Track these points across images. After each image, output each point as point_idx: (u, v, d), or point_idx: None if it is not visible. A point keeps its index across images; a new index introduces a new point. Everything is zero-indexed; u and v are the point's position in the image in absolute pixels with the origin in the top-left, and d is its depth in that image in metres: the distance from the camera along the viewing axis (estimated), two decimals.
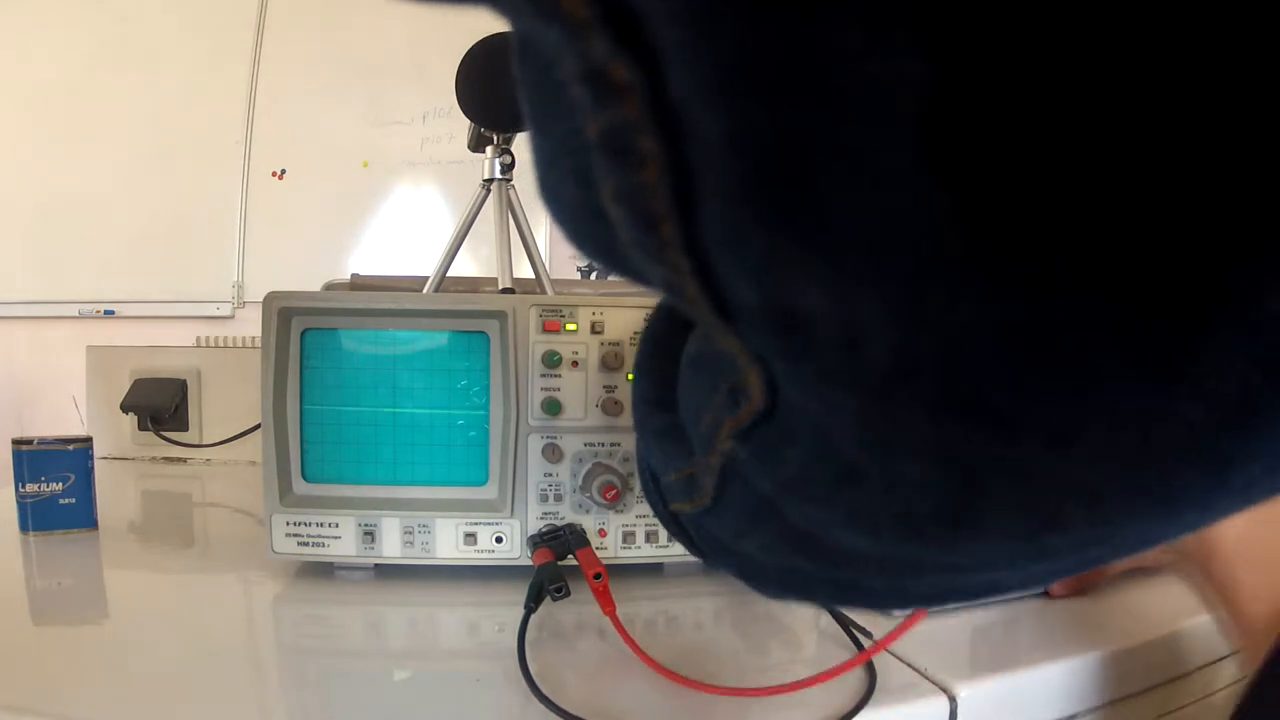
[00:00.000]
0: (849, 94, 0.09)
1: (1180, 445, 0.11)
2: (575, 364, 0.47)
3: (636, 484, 0.47)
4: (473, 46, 0.97)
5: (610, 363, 0.47)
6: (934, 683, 0.38)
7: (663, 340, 0.26)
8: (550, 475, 0.48)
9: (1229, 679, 0.45)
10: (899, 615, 0.43)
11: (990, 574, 0.17)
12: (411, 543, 0.48)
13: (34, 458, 0.58)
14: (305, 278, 1.19)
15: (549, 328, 0.47)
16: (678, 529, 0.25)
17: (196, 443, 0.89)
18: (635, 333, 0.48)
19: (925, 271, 0.10)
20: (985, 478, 0.13)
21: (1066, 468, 0.12)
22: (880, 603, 0.20)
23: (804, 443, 0.15)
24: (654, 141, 0.11)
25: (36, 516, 0.58)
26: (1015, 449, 0.12)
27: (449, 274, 1.17)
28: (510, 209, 1.11)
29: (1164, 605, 0.46)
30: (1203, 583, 0.34)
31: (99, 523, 0.60)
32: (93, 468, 0.60)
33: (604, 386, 0.48)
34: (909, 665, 0.39)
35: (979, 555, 0.15)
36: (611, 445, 0.48)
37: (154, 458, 0.89)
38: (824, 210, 0.10)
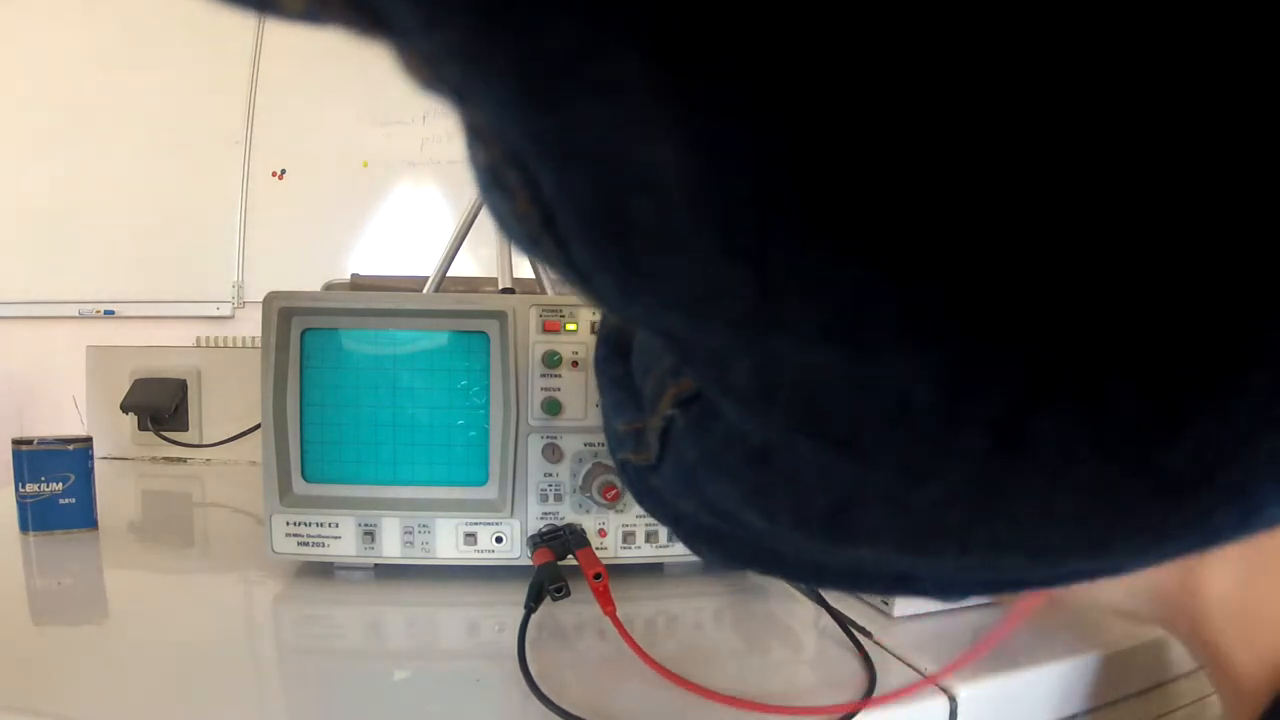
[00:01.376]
0: (624, 169, 0.10)
1: (1045, 510, 0.12)
2: (575, 364, 0.47)
3: None
4: None
5: None
6: (934, 683, 0.38)
7: None
8: (550, 475, 0.48)
9: None
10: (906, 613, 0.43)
11: (895, 568, 0.18)
12: (411, 543, 0.48)
13: (34, 458, 0.58)
14: (305, 278, 1.19)
15: (549, 328, 0.47)
16: (625, 478, 0.26)
17: (196, 443, 0.89)
18: None
19: (748, 320, 0.11)
20: (862, 493, 0.14)
21: (923, 502, 0.13)
22: (797, 576, 0.21)
23: (727, 420, 0.16)
24: (516, 178, 0.12)
25: (36, 516, 0.58)
26: (878, 474, 0.13)
27: (449, 274, 1.16)
28: None
29: None
30: (1191, 642, 0.34)
31: (99, 523, 0.60)
32: (93, 468, 0.60)
33: None
34: (909, 665, 0.39)
35: (878, 559, 0.16)
36: None
37: (154, 458, 0.89)
38: (645, 262, 0.11)
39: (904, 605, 0.44)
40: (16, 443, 0.58)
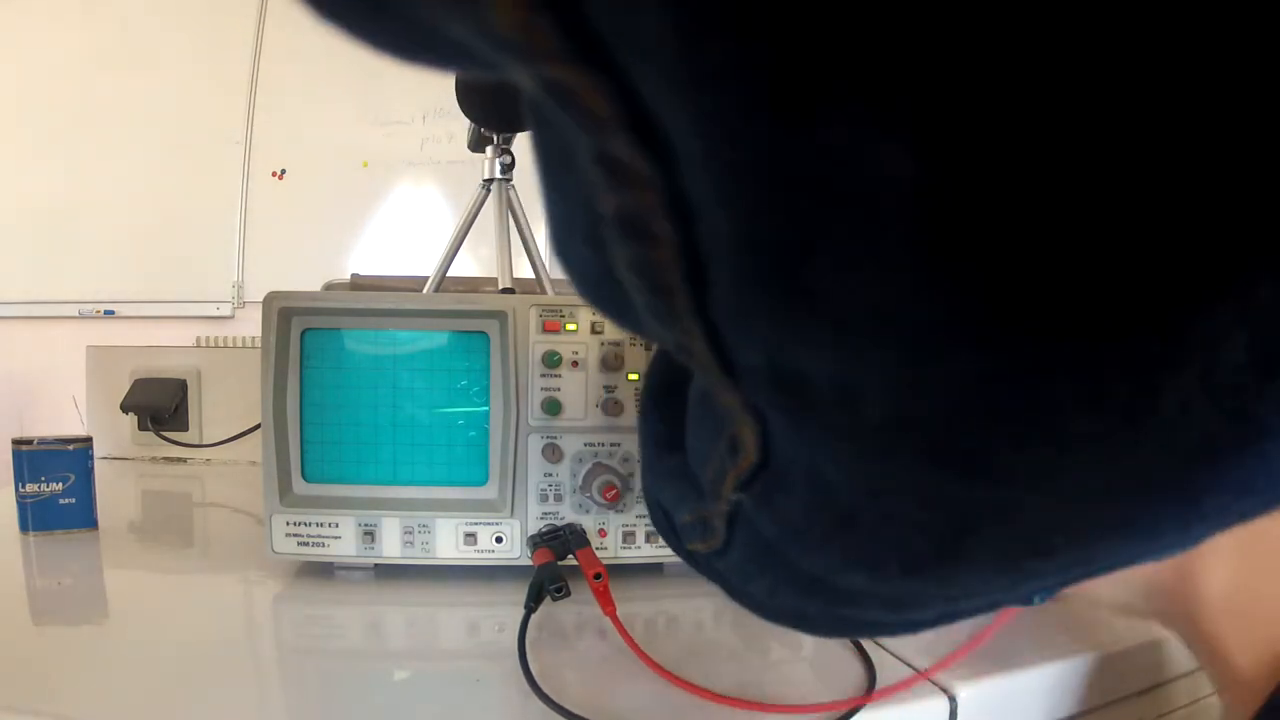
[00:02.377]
0: (843, 194, 0.10)
1: (1152, 482, 0.12)
2: (575, 364, 0.47)
3: (636, 484, 0.47)
4: None
5: (610, 363, 0.47)
6: (934, 683, 0.38)
7: (669, 376, 0.26)
8: (550, 475, 0.48)
9: None
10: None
11: (988, 597, 0.18)
12: (411, 543, 0.48)
13: (34, 458, 0.58)
14: (305, 278, 1.19)
15: (549, 328, 0.47)
16: (695, 565, 0.25)
17: (196, 443, 0.89)
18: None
19: (920, 342, 0.11)
20: (975, 517, 0.13)
21: (1048, 504, 0.13)
22: (885, 632, 0.20)
23: (799, 491, 0.16)
24: (667, 226, 0.11)
25: (36, 516, 0.58)
26: (999, 491, 0.13)
27: (449, 274, 1.17)
28: (510, 209, 1.11)
29: None
30: (1188, 637, 0.33)
31: (99, 523, 0.60)
32: (93, 468, 0.60)
33: (604, 386, 0.48)
34: (909, 665, 0.39)
35: (975, 584, 0.16)
36: (612, 445, 0.48)
37: (154, 458, 0.89)
38: (826, 294, 0.11)
39: None
40: (16, 443, 0.58)
